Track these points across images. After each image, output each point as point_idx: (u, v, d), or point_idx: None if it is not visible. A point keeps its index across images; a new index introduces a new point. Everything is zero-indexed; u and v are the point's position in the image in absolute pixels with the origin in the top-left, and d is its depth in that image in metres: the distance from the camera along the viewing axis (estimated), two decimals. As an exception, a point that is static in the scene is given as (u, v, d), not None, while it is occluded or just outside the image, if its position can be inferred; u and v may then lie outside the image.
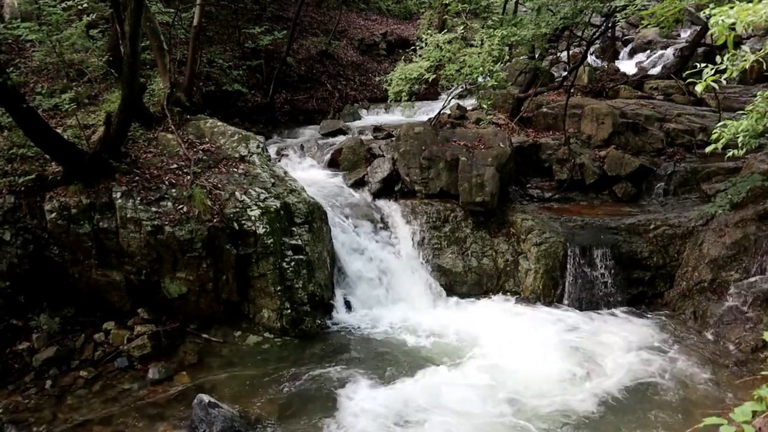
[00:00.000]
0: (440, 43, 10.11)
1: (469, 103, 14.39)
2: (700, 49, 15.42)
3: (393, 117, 15.23)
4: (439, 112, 12.04)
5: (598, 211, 10.65)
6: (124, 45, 8.12)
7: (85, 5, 9.42)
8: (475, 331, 8.61)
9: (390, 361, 7.89)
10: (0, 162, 8.21)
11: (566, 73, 13.37)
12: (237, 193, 8.74)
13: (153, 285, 8.32)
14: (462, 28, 10.57)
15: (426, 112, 14.58)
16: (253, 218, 8.47)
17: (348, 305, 9.37)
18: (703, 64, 3.86)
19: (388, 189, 10.86)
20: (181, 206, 8.25)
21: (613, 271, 9.49)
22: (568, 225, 9.97)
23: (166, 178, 8.62)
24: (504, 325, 8.77)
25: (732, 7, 3.41)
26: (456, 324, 8.88)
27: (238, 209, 8.53)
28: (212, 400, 6.47)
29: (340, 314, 9.21)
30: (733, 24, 3.38)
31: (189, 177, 8.67)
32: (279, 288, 8.43)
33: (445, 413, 6.73)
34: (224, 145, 9.85)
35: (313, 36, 18.22)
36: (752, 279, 8.52)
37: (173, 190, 8.45)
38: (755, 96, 6.04)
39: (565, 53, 13.97)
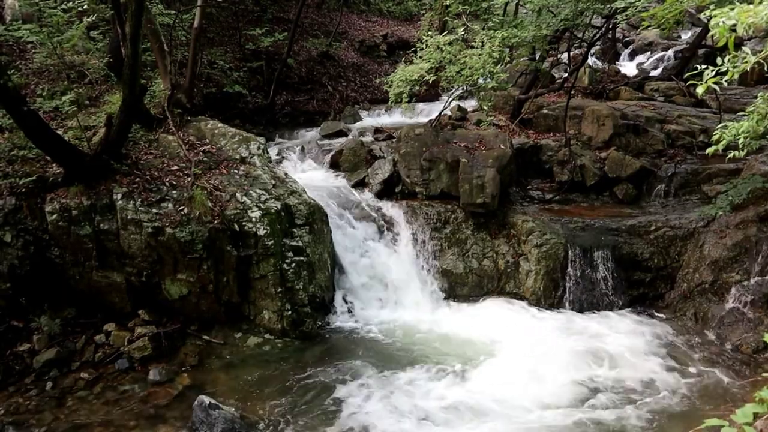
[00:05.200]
0: (441, 45, 10.11)
1: (470, 104, 14.38)
2: (701, 51, 15.43)
3: (393, 118, 15.23)
4: (440, 113, 12.03)
5: (599, 212, 10.64)
6: (125, 46, 8.13)
7: (86, 7, 9.44)
8: (475, 333, 8.60)
9: (390, 363, 7.88)
10: (1, 163, 8.23)
11: (567, 74, 13.37)
12: (238, 195, 8.74)
13: (154, 286, 8.33)
14: (462, 29, 10.55)
15: (427, 113, 14.58)
16: (253, 219, 8.48)
17: (348, 307, 9.36)
18: (703, 66, 3.86)
19: (388, 190, 10.87)
20: (181, 208, 8.25)
21: (613, 272, 9.48)
22: (569, 226, 9.96)
23: (167, 179, 8.63)
24: (504, 326, 8.76)
25: (733, 9, 3.40)
26: (456, 326, 8.87)
27: (238, 211, 8.53)
28: (213, 401, 6.46)
29: (340, 315, 9.21)
30: (734, 25, 3.38)
31: (190, 178, 8.68)
32: (280, 289, 8.43)
33: (445, 419, 6.72)
34: (225, 146, 9.86)
35: (314, 37, 18.23)
36: (753, 280, 8.51)
37: (174, 192, 8.46)
38: (756, 97, 6.03)
39: (565, 55, 13.97)
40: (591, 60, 17.58)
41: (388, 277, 9.70)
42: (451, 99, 12.10)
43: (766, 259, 8.53)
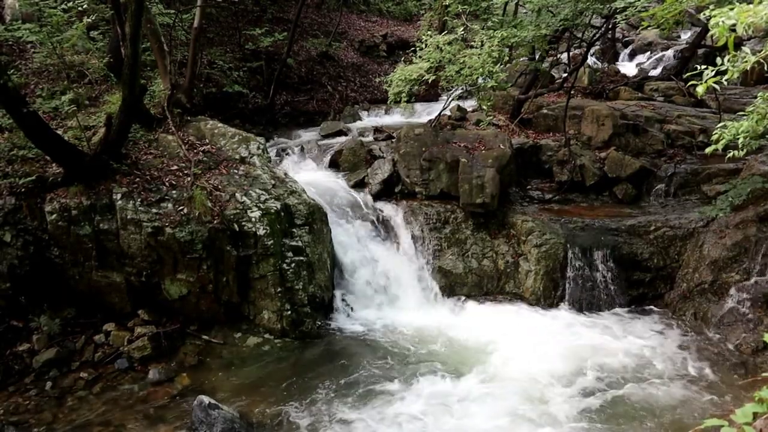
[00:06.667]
0: (440, 45, 10.11)
1: (470, 104, 14.39)
2: (701, 51, 15.42)
3: (393, 118, 15.22)
4: (440, 113, 12.03)
5: (599, 212, 10.64)
6: (124, 46, 8.13)
7: (86, 6, 9.43)
8: (475, 334, 8.59)
9: (389, 364, 7.88)
10: (1, 163, 8.22)
11: (566, 74, 13.38)
12: (237, 195, 8.74)
13: (153, 286, 8.33)
14: (462, 29, 10.56)
15: (426, 113, 14.58)
16: (253, 219, 8.48)
17: (348, 307, 9.36)
18: (703, 66, 3.86)
19: (388, 190, 10.86)
20: (181, 207, 8.25)
21: (613, 272, 9.49)
22: (569, 226, 9.96)
23: (167, 179, 8.63)
24: (504, 327, 8.75)
25: (732, 9, 3.41)
26: (456, 326, 8.87)
27: (238, 210, 8.53)
28: (212, 401, 6.46)
29: (340, 316, 9.21)
30: (734, 25, 3.38)
31: (189, 178, 8.68)
32: (279, 289, 8.43)
33: (444, 424, 6.68)
34: (225, 146, 9.86)
35: (314, 37, 18.23)
36: (753, 280, 8.51)
37: (174, 192, 8.46)
38: (756, 97, 6.04)
39: (565, 55, 13.98)
40: (590, 60, 17.58)
41: (387, 277, 9.69)
42: (450, 99, 12.10)
43: (766, 259, 8.53)
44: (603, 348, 8.17)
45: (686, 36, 19.84)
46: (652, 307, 9.46)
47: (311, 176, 11.38)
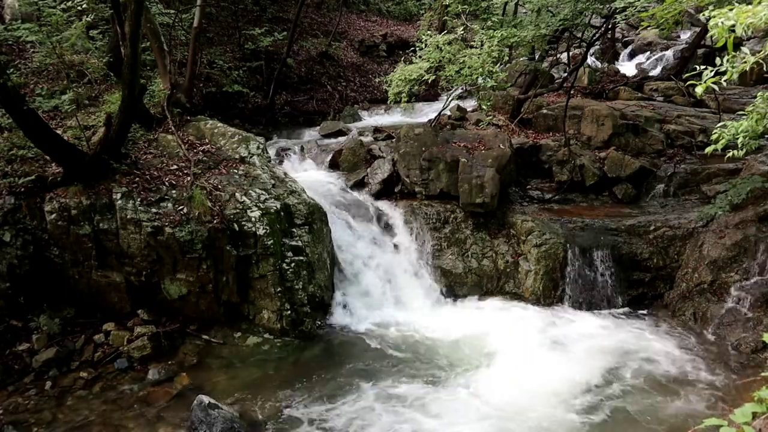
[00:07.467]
0: (440, 44, 10.12)
1: (469, 104, 14.40)
2: (700, 51, 15.44)
3: (393, 118, 15.24)
4: (439, 113, 12.05)
5: (598, 212, 10.64)
6: (124, 46, 8.13)
7: (85, 6, 9.43)
8: (475, 334, 8.59)
9: (388, 364, 7.89)
10: (0, 163, 8.22)
11: (566, 74, 13.38)
12: (237, 195, 8.74)
13: (153, 286, 8.33)
14: (462, 29, 10.57)
15: (426, 113, 14.59)
16: (253, 219, 8.48)
17: (348, 307, 9.36)
18: (702, 66, 3.86)
19: (388, 190, 10.87)
20: (181, 207, 8.25)
21: (613, 272, 9.49)
22: (568, 226, 9.96)
23: (167, 179, 8.62)
24: (504, 327, 8.74)
25: (731, 9, 3.41)
26: (455, 326, 8.86)
27: (238, 210, 8.53)
28: (212, 401, 6.46)
29: (339, 315, 9.21)
30: (733, 26, 3.39)
31: (189, 178, 8.68)
32: (279, 289, 8.43)
33: (443, 426, 6.67)
34: (224, 146, 9.86)
35: (314, 37, 18.24)
36: (752, 280, 8.52)
37: (173, 191, 8.46)
38: (755, 97, 6.04)
39: (565, 55, 13.99)
40: (590, 60, 17.59)
41: (387, 276, 9.70)
42: (450, 99, 12.12)
43: (765, 258, 8.53)
44: (602, 348, 8.17)
45: (686, 36, 19.85)
46: (651, 307, 9.47)
47: (311, 176, 11.39)
